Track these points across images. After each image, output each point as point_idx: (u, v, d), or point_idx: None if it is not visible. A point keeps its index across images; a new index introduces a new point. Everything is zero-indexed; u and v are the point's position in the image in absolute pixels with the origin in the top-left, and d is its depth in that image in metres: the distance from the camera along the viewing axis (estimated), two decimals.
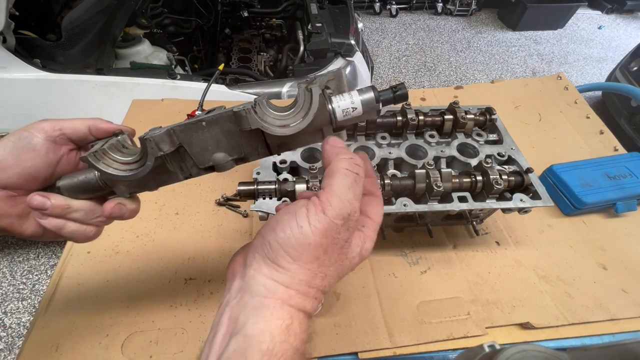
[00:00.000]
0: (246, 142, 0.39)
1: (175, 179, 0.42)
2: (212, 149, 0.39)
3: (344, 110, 0.38)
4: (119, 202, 0.42)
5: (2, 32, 1.31)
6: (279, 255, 0.33)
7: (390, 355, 0.68)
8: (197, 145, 0.38)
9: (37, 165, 0.40)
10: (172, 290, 0.75)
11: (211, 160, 0.40)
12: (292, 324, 0.31)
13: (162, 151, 0.37)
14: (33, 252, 1.98)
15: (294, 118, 0.38)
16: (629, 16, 4.50)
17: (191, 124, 0.37)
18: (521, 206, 0.69)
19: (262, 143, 0.40)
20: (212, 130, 0.38)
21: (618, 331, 0.73)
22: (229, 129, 0.38)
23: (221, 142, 0.39)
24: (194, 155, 0.39)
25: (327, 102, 0.37)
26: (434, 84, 3.35)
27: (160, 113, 1.14)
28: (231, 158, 0.40)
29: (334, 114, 0.38)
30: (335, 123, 0.38)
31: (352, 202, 0.34)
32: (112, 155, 0.40)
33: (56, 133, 0.41)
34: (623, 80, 2.62)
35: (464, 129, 0.81)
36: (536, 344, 0.51)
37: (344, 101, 0.38)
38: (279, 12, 2.31)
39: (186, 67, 1.86)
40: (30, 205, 0.39)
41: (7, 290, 1.84)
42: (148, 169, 0.38)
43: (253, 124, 0.37)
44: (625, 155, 0.98)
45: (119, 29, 1.67)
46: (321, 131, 0.39)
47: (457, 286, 0.78)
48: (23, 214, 0.41)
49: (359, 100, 0.38)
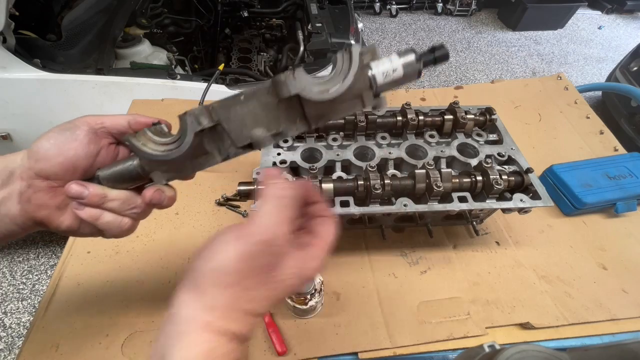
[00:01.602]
0: (284, 116, 0.38)
1: (213, 160, 0.41)
2: (250, 124, 0.38)
3: (384, 72, 0.36)
4: (158, 189, 0.43)
5: (2, 32, 1.31)
6: (201, 280, 0.33)
7: (390, 355, 0.69)
8: (235, 121, 0.38)
9: (79, 154, 0.41)
10: (172, 290, 0.75)
11: (249, 136, 0.39)
12: (215, 348, 0.31)
13: (202, 125, 0.37)
14: (33, 252, 1.98)
15: (333, 82, 0.37)
16: (629, 16, 4.49)
17: (230, 98, 0.37)
18: (521, 206, 0.69)
19: (301, 115, 0.38)
20: (250, 104, 0.37)
21: (618, 331, 0.73)
22: (267, 102, 0.37)
23: (259, 116, 0.38)
24: (232, 133, 0.39)
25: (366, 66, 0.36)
26: (434, 84, 3.35)
27: (160, 113, 1.14)
28: (270, 133, 0.39)
29: (373, 78, 0.36)
30: (375, 87, 0.37)
31: (274, 227, 0.34)
32: (152, 137, 0.41)
33: (98, 126, 0.42)
34: (623, 80, 2.62)
35: (464, 129, 0.81)
36: (536, 344, 0.51)
37: (383, 64, 0.37)
38: (279, 12, 2.31)
39: (186, 67, 1.86)
40: (68, 193, 0.40)
41: (7, 290, 1.84)
42: (187, 145, 0.38)
43: (292, 89, 0.35)
44: (625, 156, 0.98)
45: (119, 29, 1.67)
46: (361, 98, 0.38)
47: (457, 286, 0.78)
48: (61, 205, 0.42)
49: (399, 62, 0.36)
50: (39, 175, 0.40)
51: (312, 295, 0.67)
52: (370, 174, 0.67)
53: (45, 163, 0.40)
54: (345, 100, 0.37)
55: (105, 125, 0.43)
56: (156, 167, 0.41)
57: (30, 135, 1.56)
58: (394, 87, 0.38)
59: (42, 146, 0.40)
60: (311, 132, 0.80)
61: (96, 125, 0.42)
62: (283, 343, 0.68)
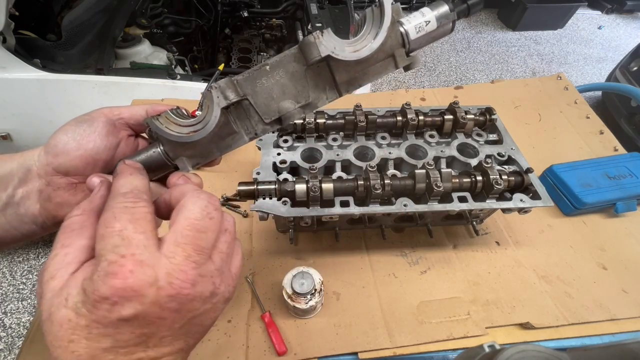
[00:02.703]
0: (313, 84, 0.36)
1: (240, 140, 0.39)
2: (278, 97, 0.37)
3: (416, 26, 0.34)
4: (183, 175, 0.40)
5: (2, 32, 1.31)
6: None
7: (390, 355, 0.69)
8: (262, 94, 0.36)
9: (98, 146, 0.39)
10: None
11: (278, 110, 0.37)
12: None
13: (229, 99, 0.35)
14: (33, 252, 1.98)
15: (364, 41, 0.34)
16: (629, 16, 4.49)
17: (255, 70, 0.35)
18: (521, 206, 0.69)
19: (330, 82, 0.36)
20: (277, 74, 0.35)
21: (618, 331, 0.73)
22: (294, 71, 0.35)
23: (287, 87, 0.36)
24: (259, 107, 0.37)
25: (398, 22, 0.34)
26: (434, 84, 3.35)
27: None
28: (299, 105, 0.37)
29: (406, 33, 0.34)
30: (408, 44, 0.35)
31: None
32: (174, 119, 0.38)
33: (115, 117, 0.41)
34: (623, 80, 2.62)
35: (464, 129, 0.81)
36: (536, 344, 0.51)
37: (414, 18, 0.34)
38: (279, 12, 2.31)
39: (186, 67, 1.86)
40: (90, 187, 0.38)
41: (7, 290, 1.84)
42: (215, 122, 0.36)
43: (323, 50, 0.33)
44: (625, 155, 0.98)
45: (119, 29, 1.67)
46: (393, 57, 0.35)
47: (457, 286, 0.78)
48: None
49: (431, 14, 0.34)
50: (58, 170, 0.39)
51: (312, 295, 0.67)
52: (370, 174, 0.67)
53: (64, 157, 0.38)
54: (377, 61, 0.35)
55: (123, 116, 0.41)
56: (181, 152, 0.39)
57: (30, 135, 1.56)
58: (428, 43, 0.36)
59: (60, 140, 0.38)
60: (311, 132, 0.80)
61: (114, 116, 0.41)
62: (283, 343, 0.68)
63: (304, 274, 0.68)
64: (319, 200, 0.66)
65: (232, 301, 0.74)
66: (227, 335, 0.70)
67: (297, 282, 0.67)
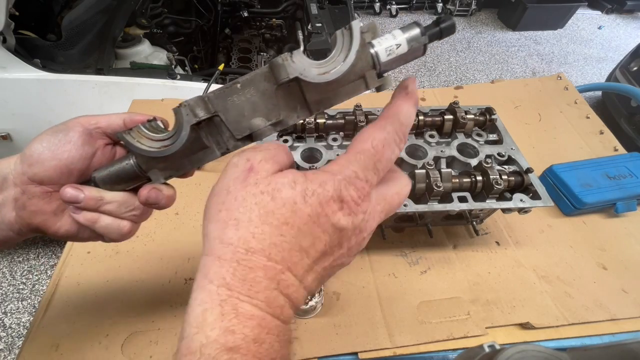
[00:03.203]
0: (284, 103, 0.37)
1: (212, 155, 0.40)
2: (249, 114, 0.37)
3: (387, 48, 0.34)
4: (154, 187, 0.41)
5: (2, 32, 1.31)
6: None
7: (390, 355, 0.69)
8: (233, 112, 0.36)
9: (73, 157, 0.39)
10: (172, 290, 0.75)
11: (249, 127, 0.37)
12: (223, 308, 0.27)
13: (198, 117, 0.35)
14: (33, 252, 1.98)
15: (333, 63, 0.34)
16: (629, 16, 4.49)
17: (226, 87, 0.35)
18: (521, 206, 0.69)
19: (301, 101, 0.37)
20: (248, 92, 0.36)
21: (618, 331, 0.73)
22: (265, 89, 0.36)
23: (258, 105, 0.36)
24: (230, 124, 0.37)
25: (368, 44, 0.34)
26: (434, 84, 3.35)
27: (160, 113, 1.13)
28: (269, 122, 0.37)
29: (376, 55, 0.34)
30: (379, 66, 0.35)
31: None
32: (146, 133, 0.39)
33: (92, 127, 0.41)
34: (623, 80, 2.62)
35: (464, 129, 0.81)
36: (536, 344, 0.51)
37: (386, 40, 0.34)
38: (279, 12, 2.31)
39: (186, 67, 1.86)
40: (63, 197, 0.39)
41: (7, 290, 1.84)
42: (184, 140, 0.36)
43: (291, 72, 0.33)
44: (625, 155, 0.98)
45: (119, 29, 1.67)
46: (364, 78, 0.36)
47: (457, 286, 0.78)
48: (58, 211, 0.41)
49: (402, 37, 0.34)
50: (33, 180, 0.39)
51: (312, 295, 0.67)
52: None
53: (38, 167, 0.38)
54: (347, 82, 0.35)
55: (100, 125, 0.41)
56: (153, 165, 0.40)
57: (30, 135, 1.54)
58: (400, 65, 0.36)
59: (35, 149, 0.38)
60: (311, 132, 0.80)
61: (90, 126, 0.41)
62: None
63: None
64: None
65: None
66: None
67: None
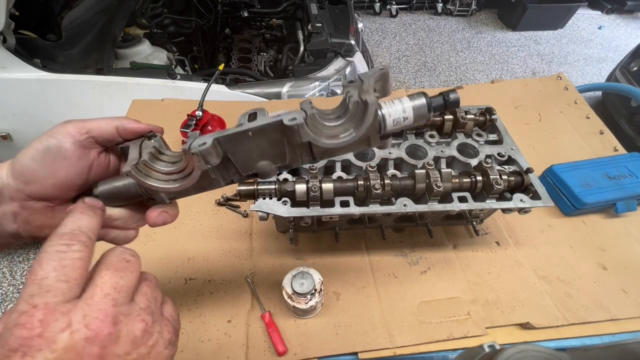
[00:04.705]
0: (291, 151, 0.39)
1: (217, 185, 0.41)
2: (257, 157, 0.38)
3: (395, 120, 0.36)
4: (162, 211, 0.41)
5: (2, 32, 1.31)
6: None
7: (390, 355, 0.69)
8: (241, 154, 0.38)
9: (70, 173, 0.38)
10: (172, 290, 0.75)
11: (255, 167, 0.39)
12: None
13: (210, 164, 0.36)
14: (33, 252, 1.98)
15: (344, 127, 0.37)
16: (629, 16, 4.49)
17: (237, 134, 0.36)
18: (521, 206, 0.69)
19: (308, 151, 0.39)
20: (258, 139, 0.37)
21: (618, 331, 0.73)
22: (275, 139, 0.37)
23: (266, 150, 0.38)
24: (238, 164, 0.39)
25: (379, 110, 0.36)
26: (434, 84, 3.35)
27: (160, 113, 1.14)
28: (275, 165, 0.40)
29: (384, 123, 0.36)
30: (384, 129, 0.37)
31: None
32: (154, 167, 0.39)
33: (84, 137, 0.39)
34: (623, 80, 2.62)
35: (464, 129, 0.81)
36: (536, 344, 0.51)
37: (395, 109, 0.36)
38: (279, 12, 2.31)
39: (186, 67, 1.86)
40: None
41: (7, 290, 1.84)
42: (194, 180, 0.38)
43: (304, 137, 0.36)
44: (625, 156, 0.98)
45: (119, 29, 1.67)
46: (368, 140, 0.38)
47: (457, 286, 0.78)
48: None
49: (410, 108, 0.36)
50: (31, 197, 0.38)
51: (312, 295, 0.67)
52: (370, 174, 0.67)
53: (36, 186, 0.37)
54: (353, 144, 0.38)
55: (92, 134, 0.39)
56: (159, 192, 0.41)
57: (30, 135, 1.56)
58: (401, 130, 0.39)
59: (29, 168, 0.37)
60: None
61: (81, 136, 0.39)
62: (283, 343, 0.68)
63: (304, 274, 0.68)
64: (319, 200, 0.66)
65: (232, 301, 0.74)
66: (227, 335, 0.70)
67: (297, 282, 0.67)
